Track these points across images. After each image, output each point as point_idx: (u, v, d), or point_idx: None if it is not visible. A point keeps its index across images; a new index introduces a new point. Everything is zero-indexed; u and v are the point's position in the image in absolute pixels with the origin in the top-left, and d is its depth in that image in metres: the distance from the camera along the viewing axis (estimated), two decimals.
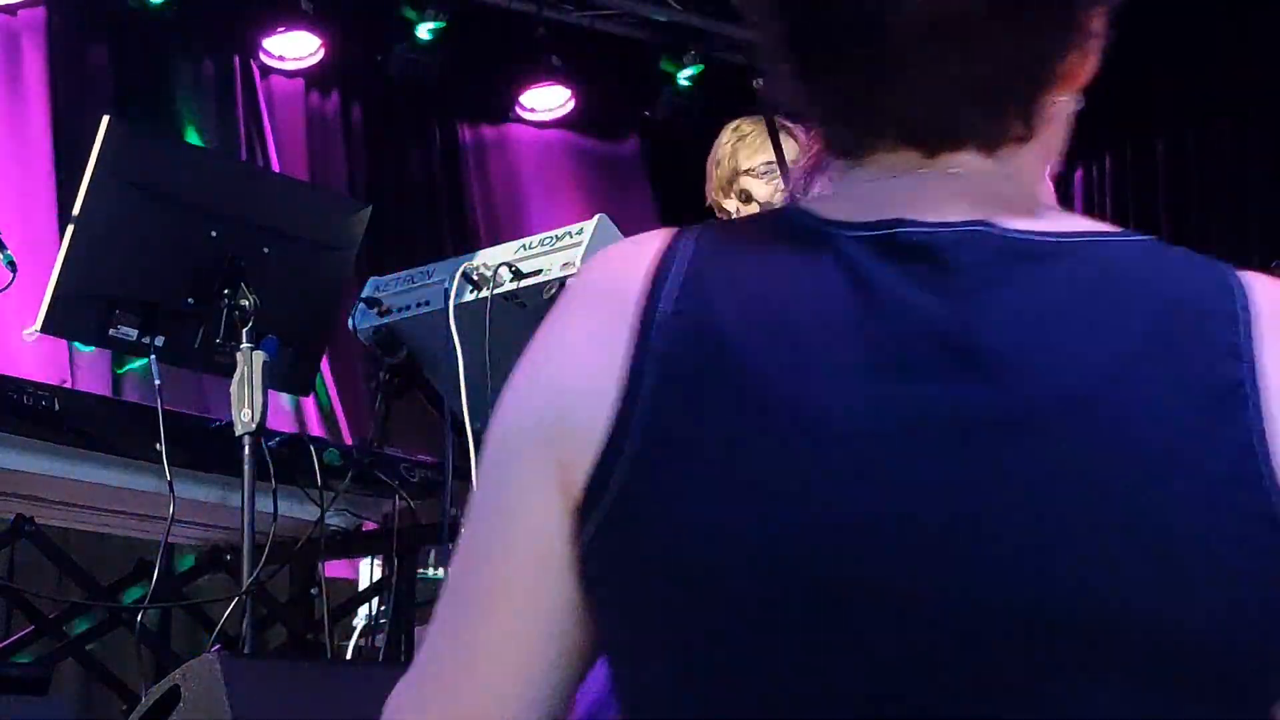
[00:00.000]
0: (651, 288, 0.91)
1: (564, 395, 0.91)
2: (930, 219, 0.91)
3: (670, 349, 0.89)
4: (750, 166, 3.97)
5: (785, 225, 0.94)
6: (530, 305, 3.08)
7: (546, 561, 0.92)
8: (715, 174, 4.04)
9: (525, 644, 0.93)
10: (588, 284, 0.96)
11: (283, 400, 5.16)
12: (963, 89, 0.90)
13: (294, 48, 6.60)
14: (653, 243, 0.93)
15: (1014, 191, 0.93)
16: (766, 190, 3.96)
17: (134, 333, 3.04)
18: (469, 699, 0.94)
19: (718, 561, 0.86)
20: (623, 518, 0.89)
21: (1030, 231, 0.91)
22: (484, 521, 0.96)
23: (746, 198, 3.98)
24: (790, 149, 3.77)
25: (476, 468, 1.00)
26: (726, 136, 4.04)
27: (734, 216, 4.02)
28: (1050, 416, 0.85)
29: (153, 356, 3.04)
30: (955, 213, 0.91)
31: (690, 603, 0.87)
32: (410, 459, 3.49)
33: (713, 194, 4.06)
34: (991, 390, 0.85)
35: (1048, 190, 0.99)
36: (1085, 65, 0.94)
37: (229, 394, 2.91)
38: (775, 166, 3.81)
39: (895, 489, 0.85)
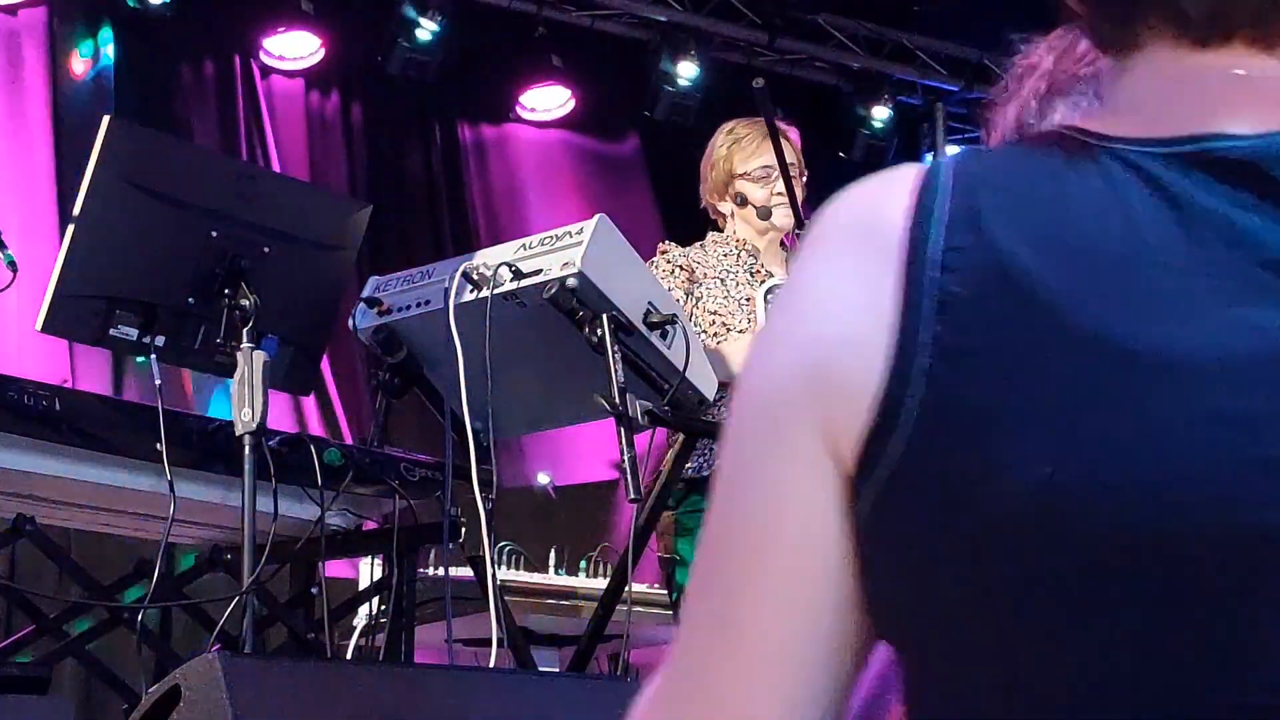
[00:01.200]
0: (915, 223, 0.80)
1: (825, 346, 0.81)
2: (1236, 130, 0.80)
3: (949, 289, 0.78)
4: (746, 170, 3.93)
5: (1059, 149, 0.83)
6: (530, 305, 3.08)
7: (821, 542, 0.81)
8: (710, 176, 4.00)
9: (800, 639, 0.83)
10: (836, 223, 0.84)
11: (282, 400, 5.17)
12: None
13: (294, 48, 6.61)
14: (905, 176, 0.83)
15: None
16: (763, 194, 3.92)
17: (134, 333, 3.04)
18: (736, 706, 0.83)
19: (1036, 520, 0.75)
20: (909, 483, 0.78)
21: None
22: (741, 501, 0.84)
23: (742, 201, 3.95)
24: (788, 152, 3.76)
25: (727, 445, 0.86)
26: (721, 139, 4.00)
27: (725, 213, 4.01)
28: None
29: (153, 356, 3.04)
30: (1261, 121, 0.80)
31: (999, 574, 0.77)
32: (410, 459, 3.48)
33: (707, 196, 4.03)
34: None
35: None
36: None
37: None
38: (771, 170, 3.79)
39: (1260, 428, 0.74)
